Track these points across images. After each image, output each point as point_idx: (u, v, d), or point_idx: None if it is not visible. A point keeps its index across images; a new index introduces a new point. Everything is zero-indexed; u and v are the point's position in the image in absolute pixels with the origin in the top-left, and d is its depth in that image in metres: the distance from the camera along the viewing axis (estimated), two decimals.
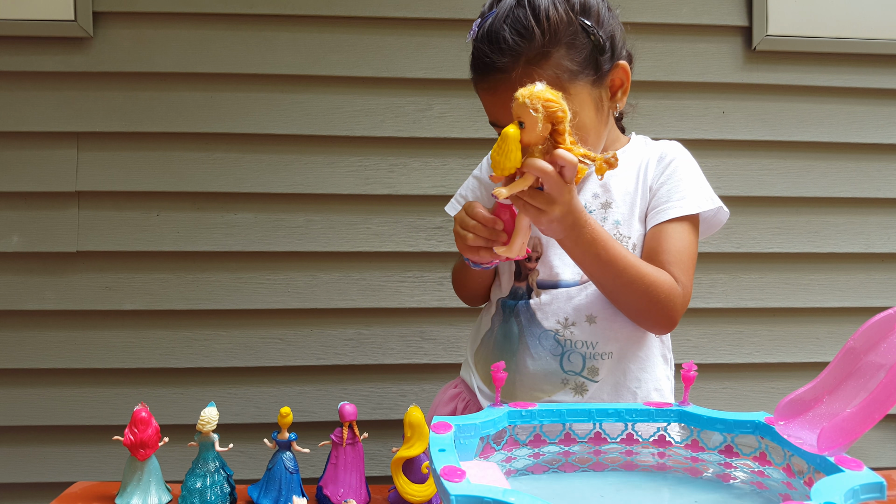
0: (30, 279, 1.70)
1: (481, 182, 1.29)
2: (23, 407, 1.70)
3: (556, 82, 1.00)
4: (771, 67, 1.79)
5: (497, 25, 1.02)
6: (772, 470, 0.79)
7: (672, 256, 1.08)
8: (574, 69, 1.03)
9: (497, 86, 1.04)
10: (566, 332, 1.12)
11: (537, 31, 1.00)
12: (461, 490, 0.56)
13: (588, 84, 1.05)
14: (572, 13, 1.02)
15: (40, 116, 1.68)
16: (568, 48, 1.02)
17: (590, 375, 1.12)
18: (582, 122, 1.04)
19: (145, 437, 0.92)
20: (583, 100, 1.05)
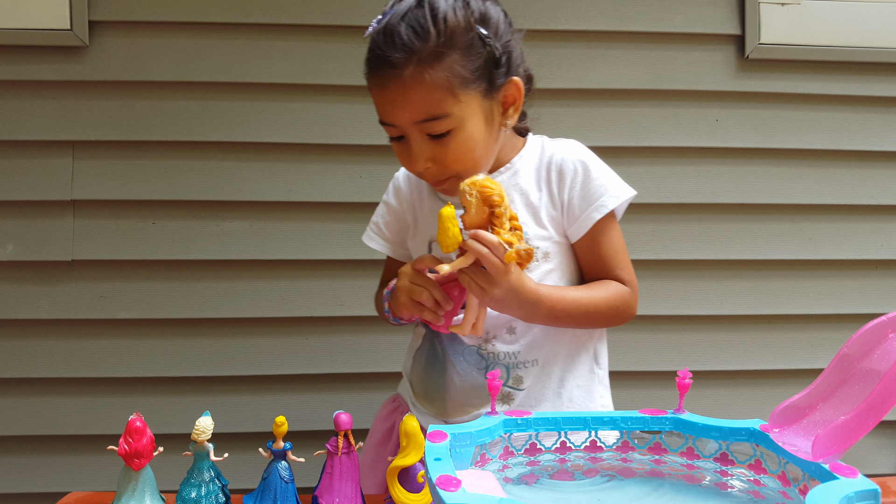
0: (25, 288, 1.69)
1: (389, 206, 1.29)
2: (17, 417, 1.69)
3: (447, 86, 1.00)
4: (764, 75, 1.80)
5: (394, 22, 1.01)
6: (767, 478, 0.79)
7: (613, 261, 1.13)
8: (466, 76, 1.01)
9: (387, 82, 1.02)
10: (488, 346, 1.14)
11: (433, 32, 0.99)
12: (457, 499, 0.56)
13: (479, 94, 1.04)
14: (471, 20, 1.02)
15: (36, 125, 1.68)
16: (462, 54, 1.01)
17: (515, 385, 1.14)
18: (470, 133, 1.04)
19: (140, 446, 0.91)
20: (473, 109, 1.04)
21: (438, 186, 1.12)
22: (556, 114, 1.76)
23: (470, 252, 0.94)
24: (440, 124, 1.02)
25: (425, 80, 0.99)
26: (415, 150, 1.05)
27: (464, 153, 1.04)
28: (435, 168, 1.07)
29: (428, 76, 0.99)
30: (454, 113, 1.02)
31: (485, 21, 1.04)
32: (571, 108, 1.76)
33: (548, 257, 1.13)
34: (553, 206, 1.13)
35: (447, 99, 1.01)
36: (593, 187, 1.12)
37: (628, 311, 1.14)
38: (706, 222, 1.80)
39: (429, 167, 1.06)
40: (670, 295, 1.79)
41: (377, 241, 1.30)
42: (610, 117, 1.77)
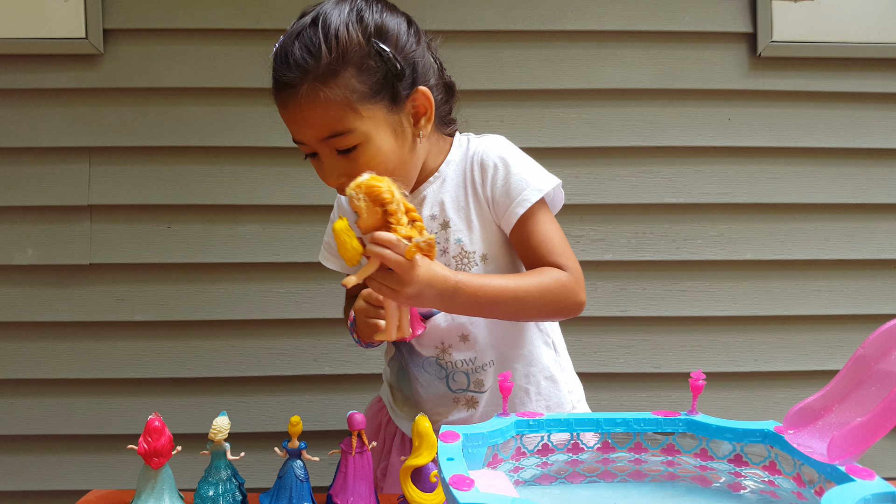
0: (44, 291, 1.71)
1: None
2: (39, 416, 1.71)
3: (344, 102, 1.00)
4: (776, 73, 1.79)
5: (288, 42, 1.02)
6: (782, 479, 0.79)
7: (543, 249, 1.09)
8: (364, 91, 1.01)
9: (287, 102, 1.03)
10: (445, 356, 1.15)
11: (324, 50, 0.99)
12: (470, 499, 0.57)
13: (383, 108, 1.03)
14: (364, 35, 1.01)
15: (53, 132, 1.70)
16: (359, 69, 1.00)
17: (476, 388, 1.16)
18: (378, 147, 1.03)
19: (159, 445, 0.93)
20: (378, 123, 1.03)
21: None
22: (567, 114, 1.76)
23: (373, 257, 0.92)
24: (344, 140, 1.02)
25: (321, 98, 0.99)
26: (326, 166, 1.05)
27: (374, 167, 1.02)
28: (348, 182, 1.05)
29: (322, 94, 0.99)
30: (357, 128, 1.01)
31: (382, 34, 1.02)
32: (581, 108, 1.76)
33: (486, 259, 1.13)
34: (480, 205, 1.13)
35: (347, 115, 1.00)
36: (514, 182, 1.10)
37: (571, 298, 1.07)
38: (719, 222, 1.79)
39: (342, 181, 1.05)
40: (683, 296, 1.78)
41: (331, 261, 1.31)
42: (620, 117, 1.77)
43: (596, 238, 1.77)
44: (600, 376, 1.77)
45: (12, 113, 1.70)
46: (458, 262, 1.12)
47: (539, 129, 1.75)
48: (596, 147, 1.76)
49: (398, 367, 1.24)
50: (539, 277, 1.06)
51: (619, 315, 1.78)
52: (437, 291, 0.97)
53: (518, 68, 1.75)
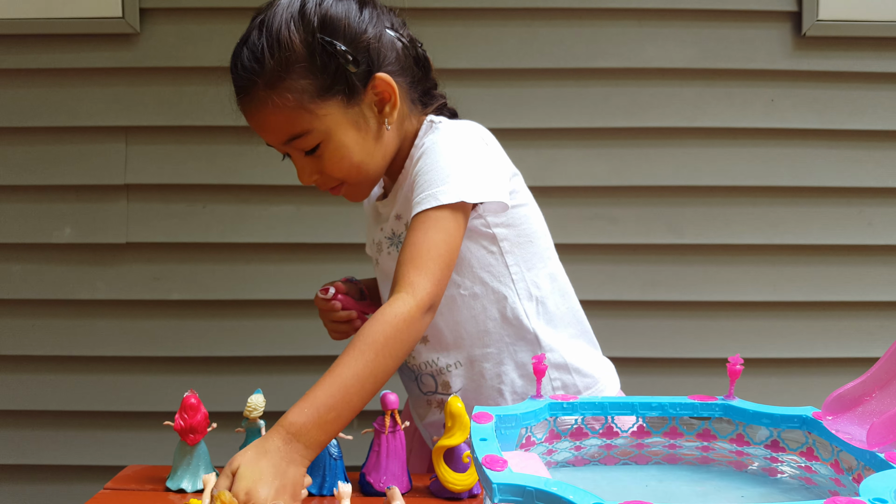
0: (82, 269, 1.74)
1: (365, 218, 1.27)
2: (77, 393, 1.75)
3: (296, 105, 0.97)
4: (821, 53, 1.74)
5: (239, 48, 1.01)
6: (819, 465, 0.78)
7: (408, 254, 0.95)
8: (315, 90, 0.98)
9: (244, 108, 1.03)
10: (411, 359, 1.12)
11: (267, 56, 0.97)
12: (504, 479, 0.56)
13: (340, 103, 0.99)
14: (307, 32, 0.97)
15: (90, 111, 1.72)
16: (305, 69, 0.97)
17: (444, 390, 1.12)
18: (340, 142, 1.00)
19: (195, 422, 0.94)
20: (336, 120, 1.00)
21: (335, 194, 1.09)
22: (606, 93, 1.73)
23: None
24: (304, 141, 1.00)
25: (273, 103, 0.98)
26: (297, 166, 1.05)
27: (339, 162, 1.02)
28: (322, 179, 1.05)
29: (273, 101, 0.98)
30: (315, 128, 0.99)
31: (327, 26, 0.98)
32: (621, 87, 1.74)
33: None
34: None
35: (302, 116, 0.98)
36: (425, 181, 0.99)
37: (410, 328, 0.91)
38: (760, 205, 1.76)
39: (315, 179, 1.05)
40: (722, 280, 1.76)
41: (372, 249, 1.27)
42: (661, 97, 1.74)
43: (634, 220, 1.74)
44: (636, 361, 1.76)
45: (50, 92, 1.72)
46: None
47: (577, 109, 1.73)
48: (635, 128, 1.74)
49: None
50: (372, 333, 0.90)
51: (656, 299, 1.76)
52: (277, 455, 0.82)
53: (556, 47, 1.73)
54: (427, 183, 0.98)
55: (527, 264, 1.10)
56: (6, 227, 1.73)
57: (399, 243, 1.09)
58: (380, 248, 1.14)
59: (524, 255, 1.10)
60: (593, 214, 1.73)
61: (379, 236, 1.14)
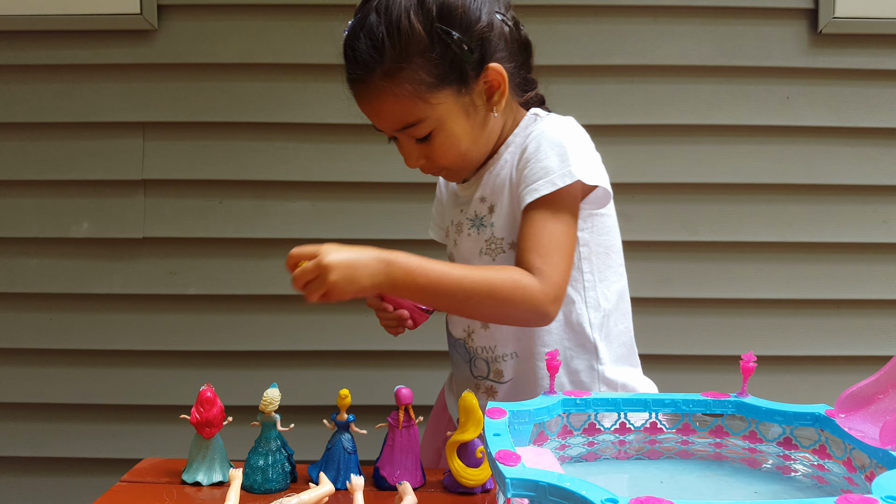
0: (99, 264, 1.76)
1: (439, 201, 1.32)
2: (94, 386, 1.77)
3: (413, 94, 0.99)
4: (838, 51, 1.73)
5: (355, 33, 1.00)
6: (832, 464, 0.78)
7: (527, 243, 1.00)
8: (432, 80, 0.99)
9: (357, 94, 1.04)
10: (469, 340, 1.14)
11: (388, 45, 0.97)
12: (517, 474, 0.57)
13: (453, 93, 1.01)
14: (427, 21, 0.97)
15: (108, 107, 1.74)
16: (423, 60, 0.98)
17: (496, 378, 1.13)
18: (451, 131, 1.03)
19: (210, 416, 0.95)
20: (449, 109, 1.01)
21: (434, 175, 1.13)
22: (621, 90, 1.73)
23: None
24: (417, 130, 1.02)
25: (391, 92, 0.99)
26: (405, 151, 1.07)
27: (449, 150, 1.04)
28: (427, 164, 1.08)
29: (392, 89, 0.98)
30: (429, 117, 1.01)
31: (445, 15, 0.98)
32: (636, 84, 1.73)
33: (515, 248, 1.07)
34: (513, 191, 1.07)
35: (417, 106, 1.00)
36: (537, 168, 1.02)
37: (527, 305, 0.97)
38: (775, 203, 1.75)
39: (422, 163, 1.07)
40: (736, 278, 1.75)
41: (434, 231, 1.34)
42: (676, 94, 1.74)
43: (648, 218, 1.74)
44: (650, 358, 1.74)
45: (68, 88, 1.73)
46: (488, 247, 1.09)
47: (592, 105, 1.73)
48: (650, 125, 1.73)
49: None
50: (492, 273, 0.97)
51: (670, 296, 1.75)
52: (366, 273, 0.93)
53: (571, 43, 1.72)
54: (543, 170, 1.01)
55: (601, 275, 1.11)
56: (25, 222, 1.75)
57: (481, 226, 1.11)
58: (459, 228, 1.15)
59: (600, 265, 1.11)
60: None
61: (459, 217, 1.16)
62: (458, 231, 1.16)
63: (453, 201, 1.21)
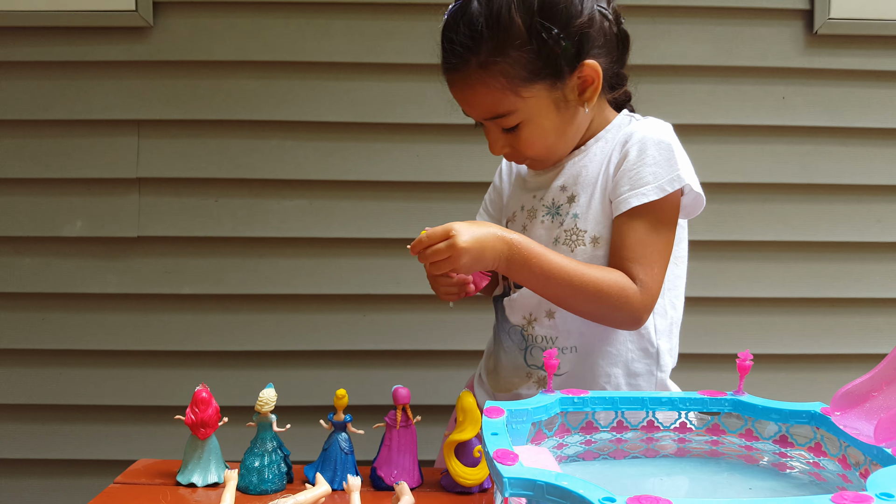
0: (93, 263, 1.75)
1: (493, 184, 1.32)
2: (87, 387, 1.76)
3: (506, 87, 1.00)
4: (833, 51, 1.74)
5: (454, 22, 1.01)
6: (827, 461, 0.78)
7: (630, 252, 1.02)
8: (525, 75, 1.00)
9: (452, 81, 1.06)
10: (529, 328, 1.13)
11: (487, 35, 0.98)
12: (514, 473, 0.57)
13: (546, 87, 1.02)
14: (528, 15, 0.98)
15: (102, 104, 1.73)
16: (520, 54, 0.99)
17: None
18: (540, 124, 1.04)
19: (206, 416, 0.95)
20: (540, 103, 1.03)
21: (518, 163, 1.17)
22: None
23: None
24: (507, 120, 1.03)
25: (485, 83, 1.00)
26: (491, 138, 1.08)
27: (534, 142, 1.06)
28: (512, 153, 1.10)
29: (485, 81, 1.00)
30: (519, 109, 1.02)
31: (546, 9, 0.98)
32: (632, 84, 1.73)
33: (597, 242, 1.07)
34: (607, 185, 1.07)
35: (508, 98, 1.01)
36: (642, 172, 1.02)
37: (626, 309, 1.00)
38: (770, 202, 1.75)
39: (506, 152, 1.09)
40: (731, 276, 1.76)
41: (481, 216, 1.33)
42: (673, 94, 1.74)
43: None
44: None
45: (62, 85, 1.73)
46: (567, 237, 1.09)
47: None
48: None
49: (495, 329, 1.23)
50: (601, 273, 1.00)
51: None
52: (492, 254, 0.97)
53: None
54: (651, 175, 1.02)
55: (670, 284, 1.12)
56: (17, 221, 1.74)
57: (557, 214, 1.11)
58: (532, 215, 1.15)
59: (670, 274, 1.12)
60: None
61: (532, 203, 1.15)
62: (530, 217, 1.15)
63: (521, 186, 1.20)
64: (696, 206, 1.11)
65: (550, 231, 1.11)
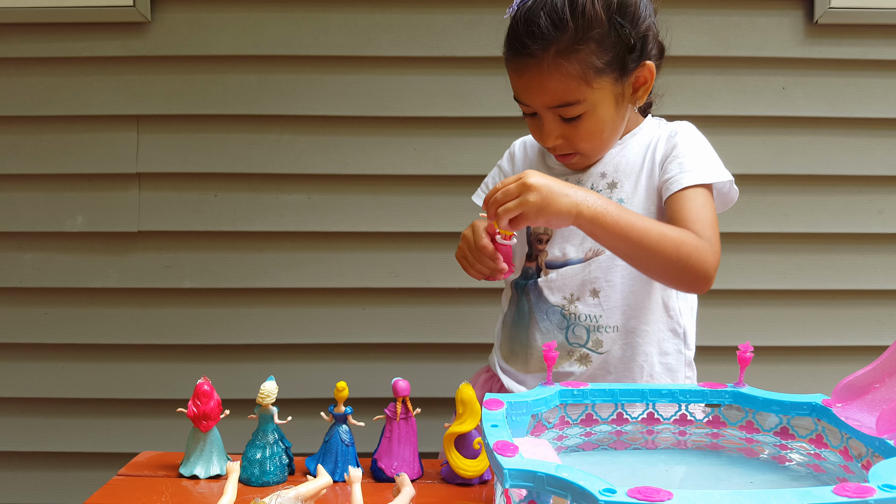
0: (94, 258, 1.75)
1: (501, 169, 1.35)
2: (90, 380, 1.76)
3: (581, 76, 1.04)
4: (834, 41, 1.73)
5: (535, 10, 1.04)
6: (828, 453, 0.78)
7: (692, 215, 1.07)
8: (600, 66, 1.05)
9: (524, 68, 1.07)
10: (571, 307, 1.16)
11: (571, 24, 1.02)
12: (514, 464, 0.57)
13: (611, 81, 1.08)
14: (608, 9, 1.04)
15: (102, 100, 1.73)
16: (598, 45, 1.04)
17: (594, 347, 1.16)
18: (600, 116, 1.09)
19: (208, 409, 0.95)
20: (604, 95, 1.08)
21: (563, 160, 1.17)
22: None
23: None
24: (572, 109, 1.07)
25: (561, 71, 1.04)
26: (546, 128, 1.10)
27: (593, 134, 1.10)
28: (564, 144, 1.12)
29: (564, 68, 1.03)
30: (587, 99, 1.06)
31: (622, 9, 1.05)
32: None
33: None
34: (653, 173, 1.15)
35: (580, 87, 1.05)
36: (691, 159, 1.11)
37: (701, 264, 1.02)
38: (771, 194, 1.75)
39: (559, 144, 1.12)
40: (732, 268, 1.75)
41: (480, 198, 1.33)
42: (671, 85, 1.72)
43: None
44: None
45: (61, 81, 1.73)
46: None
47: None
48: None
49: (515, 316, 1.24)
50: (679, 232, 1.03)
51: None
52: (562, 202, 0.95)
53: None
54: (704, 161, 1.11)
55: None
56: (18, 216, 1.74)
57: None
58: None
59: None
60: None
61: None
62: None
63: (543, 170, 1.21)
64: (727, 201, 1.18)
65: None
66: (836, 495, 0.51)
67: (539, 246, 1.20)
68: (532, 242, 1.22)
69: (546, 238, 1.20)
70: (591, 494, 0.51)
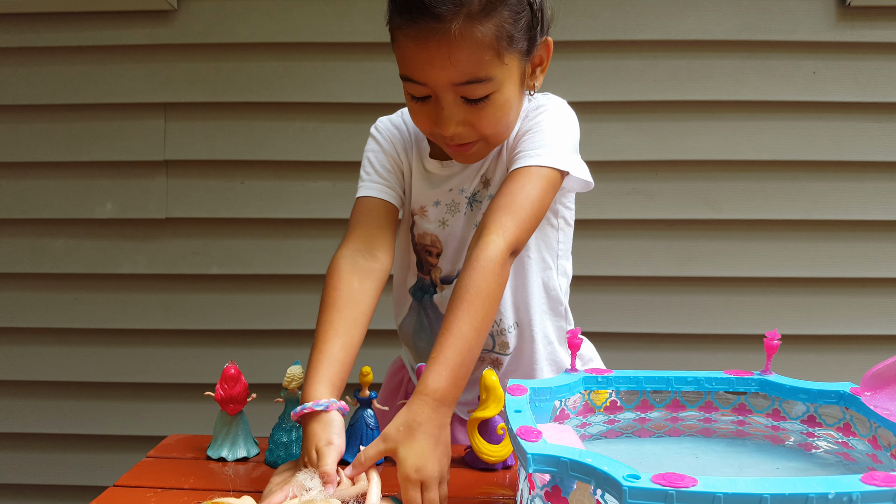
0: (123, 244, 1.78)
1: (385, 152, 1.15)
2: (119, 364, 1.79)
3: (494, 46, 0.89)
4: (866, 24, 1.69)
5: None
6: (856, 441, 0.77)
7: (503, 200, 0.95)
8: (511, 37, 0.90)
9: (429, 36, 0.88)
10: None
11: None
12: (538, 449, 0.57)
13: (519, 57, 0.94)
14: None
15: (129, 88, 1.75)
16: (511, 10, 0.90)
17: (501, 350, 1.13)
18: (507, 98, 0.94)
19: (235, 392, 0.96)
20: (511, 73, 0.93)
21: (462, 150, 1.00)
22: (643, 66, 1.71)
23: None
24: (480, 88, 0.91)
25: (474, 37, 0.88)
26: (446, 113, 0.94)
27: (499, 118, 0.95)
28: (464, 132, 0.96)
29: (478, 33, 0.87)
30: (497, 76, 0.91)
31: None
32: (659, 60, 1.71)
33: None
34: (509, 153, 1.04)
35: (493, 61, 0.90)
36: (537, 139, 0.99)
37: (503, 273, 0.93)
38: (800, 180, 1.72)
39: (460, 131, 0.95)
40: (760, 256, 1.73)
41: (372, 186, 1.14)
42: (700, 70, 1.71)
43: (671, 195, 1.73)
44: (673, 337, 1.75)
45: (90, 70, 1.74)
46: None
47: (614, 81, 1.71)
48: (673, 101, 1.71)
49: (418, 327, 1.22)
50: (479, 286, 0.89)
51: (693, 275, 1.74)
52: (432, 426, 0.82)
53: (593, 19, 1.70)
54: (536, 143, 0.99)
55: (564, 247, 1.15)
56: (49, 203, 1.77)
57: (475, 201, 1.10)
58: (455, 208, 1.10)
59: (566, 238, 1.14)
60: (630, 189, 1.71)
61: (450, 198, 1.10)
62: (451, 211, 1.11)
63: (426, 180, 1.12)
64: (587, 185, 1.07)
65: (471, 220, 1.09)
66: (864, 484, 0.50)
67: (430, 259, 1.14)
68: (419, 252, 1.15)
69: (436, 252, 1.12)
70: (616, 480, 0.51)
